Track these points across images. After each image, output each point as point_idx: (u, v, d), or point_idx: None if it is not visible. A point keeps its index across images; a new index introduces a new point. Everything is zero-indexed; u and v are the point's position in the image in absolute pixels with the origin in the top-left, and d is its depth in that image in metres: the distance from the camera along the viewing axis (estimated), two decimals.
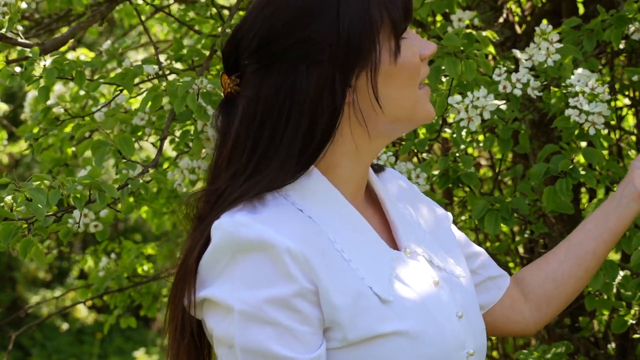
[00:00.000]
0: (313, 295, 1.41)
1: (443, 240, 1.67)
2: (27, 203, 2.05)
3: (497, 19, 2.95)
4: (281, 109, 1.45)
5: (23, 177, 6.29)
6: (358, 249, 1.48)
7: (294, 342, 1.40)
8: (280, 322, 1.39)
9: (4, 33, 2.47)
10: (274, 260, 1.39)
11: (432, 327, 1.47)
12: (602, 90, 2.25)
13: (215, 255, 1.43)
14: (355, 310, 1.42)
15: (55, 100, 3.16)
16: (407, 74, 1.48)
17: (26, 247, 2.08)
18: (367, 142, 1.51)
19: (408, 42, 1.50)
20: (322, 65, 1.45)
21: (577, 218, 2.91)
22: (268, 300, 1.39)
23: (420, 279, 1.52)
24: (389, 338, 1.43)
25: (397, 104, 1.49)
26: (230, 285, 1.41)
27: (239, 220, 1.42)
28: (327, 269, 1.42)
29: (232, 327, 1.41)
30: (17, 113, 5.71)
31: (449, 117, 2.41)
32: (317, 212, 1.48)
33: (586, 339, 2.87)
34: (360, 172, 1.54)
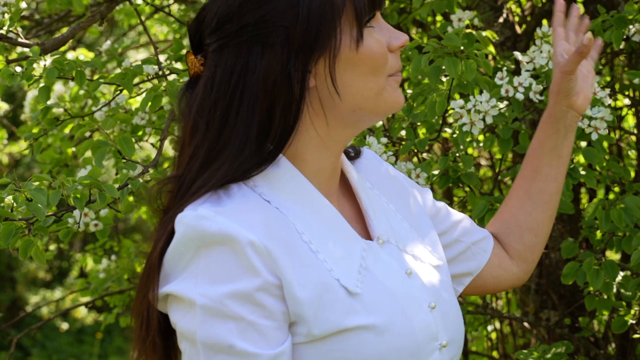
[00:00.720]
0: (277, 289, 1.39)
1: (420, 226, 1.64)
2: (27, 203, 2.05)
3: (497, 19, 2.95)
4: (234, 91, 1.44)
5: (23, 177, 6.29)
6: (327, 240, 1.46)
7: (257, 337, 1.37)
8: (243, 316, 1.37)
9: (5, 33, 2.47)
10: (237, 254, 1.37)
11: (400, 320, 1.45)
12: (604, 94, 2.25)
13: (179, 249, 1.40)
14: (321, 304, 1.40)
15: (55, 100, 3.16)
16: (370, 63, 1.46)
17: (26, 247, 2.08)
18: (332, 131, 1.49)
19: (375, 31, 1.47)
20: (276, 47, 1.42)
21: (577, 218, 2.91)
22: (230, 295, 1.37)
23: (392, 270, 1.50)
24: (355, 332, 1.41)
25: (358, 92, 1.47)
26: (193, 280, 1.39)
27: (201, 214, 1.39)
28: (291, 261, 1.40)
29: (194, 322, 1.38)
30: (17, 113, 5.71)
31: (449, 117, 2.41)
32: (286, 203, 1.46)
33: (586, 339, 2.87)
34: (330, 162, 1.51)
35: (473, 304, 3.25)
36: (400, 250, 1.55)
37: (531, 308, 3.02)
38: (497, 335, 3.58)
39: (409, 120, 2.43)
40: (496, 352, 3.61)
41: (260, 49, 1.43)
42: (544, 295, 3.03)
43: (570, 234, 2.86)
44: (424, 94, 2.38)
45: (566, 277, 2.34)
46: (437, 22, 3.19)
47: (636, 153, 3.17)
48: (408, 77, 2.83)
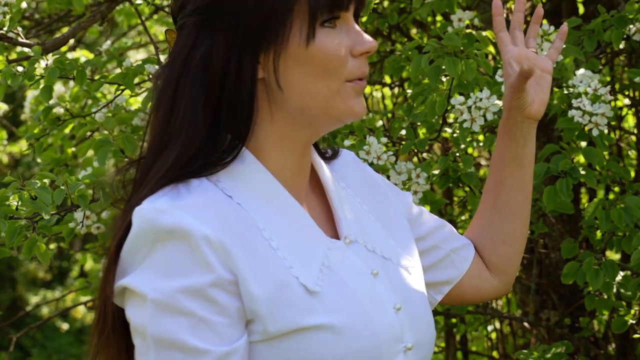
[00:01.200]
0: (231, 285, 1.37)
1: (395, 228, 1.61)
2: (32, 201, 2.05)
3: None
4: (180, 72, 1.42)
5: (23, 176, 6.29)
6: (289, 238, 1.43)
7: (209, 333, 1.35)
8: (195, 312, 1.35)
9: (5, 33, 2.47)
10: (192, 248, 1.35)
11: (361, 320, 1.42)
12: (605, 91, 2.25)
13: (136, 242, 1.38)
14: (277, 302, 1.38)
15: (56, 100, 3.16)
16: (320, 63, 1.41)
17: (31, 246, 2.08)
18: (288, 128, 1.45)
19: (337, 32, 1.43)
20: (224, 32, 1.41)
21: (577, 218, 2.91)
22: (182, 290, 1.34)
23: (357, 269, 1.47)
24: (313, 331, 1.38)
25: (305, 92, 1.43)
26: (147, 274, 1.37)
27: (158, 207, 1.37)
28: (249, 257, 1.38)
29: (146, 317, 1.36)
30: (17, 113, 5.71)
31: (449, 117, 2.41)
32: (249, 199, 1.43)
33: (586, 339, 2.87)
34: (293, 161, 1.48)
35: (473, 304, 3.26)
36: (369, 250, 1.52)
37: (531, 308, 3.02)
38: (497, 335, 3.58)
39: (409, 120, 2.43)
40: (496, 352, 3.61)
41: (208, 32, 1.41)
42: (544, 295, 3.03)
43: (570, 234, 2.86)
44: (424, 93, 2.38)
45: (566, 277, 2.34)
46: (437, 22, 3.19)
47: (636, 153, 3.17)
48: (408, 76, 2.83)
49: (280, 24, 1.40)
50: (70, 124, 2.82)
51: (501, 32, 1.69)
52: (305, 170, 1.52)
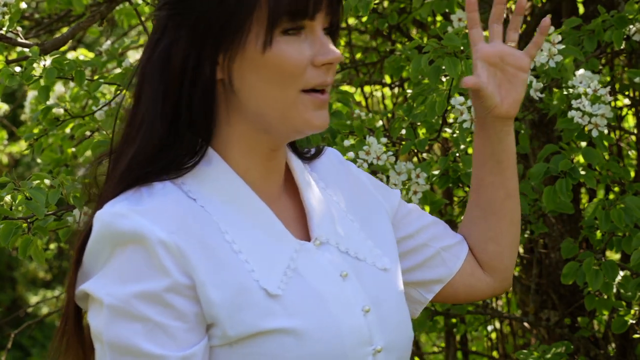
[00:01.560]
0: (188, 290, 1.35)
1: (374, 229, 1.59)
2: (27, 202, 2.05)
3: None
4: (144, 66, 1.43)
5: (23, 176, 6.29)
6: (253, 241, 1.42)
7: (165, 338, 1.34)
8: (150, 317, 1.34)
9: (4, 33, 2.47)
10: (148, 253, 1.34)
11: (326, 323, 1.41)
12: (605, 92, 2.25)
13: (96, 247, 1.38)
14: (236, 306, 1.37)
15: (55, 100, 3.16)
16: (276, 71, 1.40)
17: (26, 246, 2.08)
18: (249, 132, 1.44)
19: (300, 41, 1.41)
20: (187, 30, 1.40)
21: (577, 218, 2.91)
22: (138, 295, 1.34)
23: (324, 272, 1.46)
24: (273, 335, 1.37)
25: (261, 98, 1.42)
26: (105, 279, 1.36)
27: (117, 211, 1.37)
28: (207, 261, 1.37)
29: (102, 322, 1.36)
30: (17, 113, 5.71)
31: (449, 117, 2.41)
32: (213, 201, 1.42)
33: (586, 339, 2.87)
34: (258, 163, 1.47)
35: (473, 304, 3.25)
36: (341, 251, 1.51)
37: (531, 308, 3.02)
38: (497, 335, 3.58)
39: (409, 120, 2.43)
40: (496, 352, 3.61)
41: (174, 27, 1.41)
42: (544, 295, 3.03)
43: (570, 234, 2.86)
44: (424, 94, 2.38)
45: (566, 277, 2.34)
46: (437, 22, 3.19)
47: (636, 153, 3.17)
48: (408, 77, 2.83)
49: (239, 27, 1.39)
50: (70, 124, 2.82)
51: (472, 29, 1.65)
52: (275, 173, 1.50)
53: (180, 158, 1.42)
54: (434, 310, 2.94)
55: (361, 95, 3.70)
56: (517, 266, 3.35)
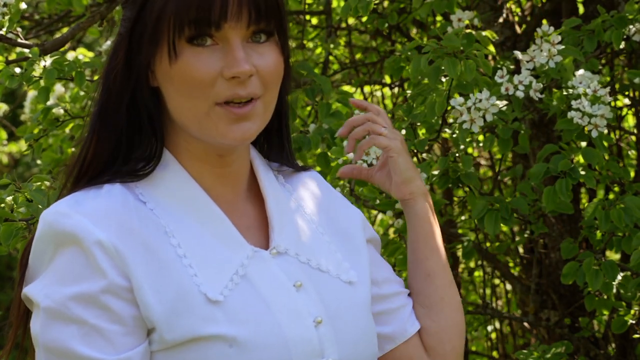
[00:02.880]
0: (126, 292, 1.33)
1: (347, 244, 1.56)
2: (27, 204, 2.05)
3: (497, 19, 2.95)
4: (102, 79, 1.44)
5: (22, 176, 6.29)
6: (201, 245, 1.40)
7: (101, 341, 1.31)
8: (86, 320, 1.31)
9: (4, 34, 2.47)
10: (85, 253, 1.32)
11: (270, 333, 1.38)
12: (605, 92, 2.25)
13: (40, 247, 1.36)
14: (174, 310, 1.34)
15: (55, 100, 3.16)
16: (183, 82, 1.38)
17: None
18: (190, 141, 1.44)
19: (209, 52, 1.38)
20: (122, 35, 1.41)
21: (576, 218, 2.91)
22: (74, 297, 1.31)
23: (275, 281, 1.43)
24: (211, 342, 1.34)
25: (178, 108, 1.40)
26: (44, 281, 1.34)
27: (60, 210, 1.36)
28: (147, 264, 1.34)
29: (38, 325, 1.33)
30: (17, 113, 5.71)
31: (449, 117, 2.41)
32: (164, 204, 1.41)
33: (586, 339, 2.87)
34: (208, 170, 1.45)
35: (473, 304, 3.26)
36: (301, 262, 1.48)
37: (531, 308, 3.02)
38: (497, 335, 3.58)
39: (409, 120, 2.43)
40: (496, 352, 3.61)
41: (120, 36, 1.42)
42: (544, 295, 3.03)
43: (570, 234, 2.86)
44: (424, 94, 2.38)
45: (566, 277, 2.34)
46: (437, 22, 3.19)
47: (636, 153, 3.17)
48: (408, 77, 2.83)
49: (154, 38, 1.39)
50: (70, 124, 2.82)
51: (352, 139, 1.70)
52: (232, 179, 1.48)
53: (135, 163, 1.42)
54: None
55: (361, 95, 3.70)
56: (517, 266, 3.35)
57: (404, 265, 2.45)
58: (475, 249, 2.72)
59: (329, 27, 3.34)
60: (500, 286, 3.71)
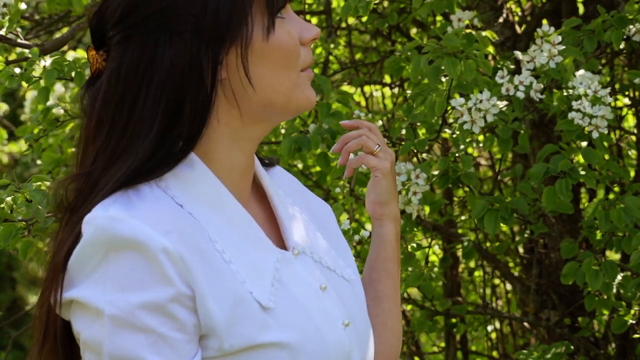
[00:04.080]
0: (189, 301, 1.31)
1: (333, 240, 1.55)
2: (27, 204, 2.05)
3: (497, 19, 2.95)
4: (141, 83, 1.35)
5: (22, 176, 6.29)
6: (240, 250, 1.38)
7: (168, 350, 1.30)
8: (154, 328, 1.29)
9: (4, 34, 2.47)
10: (149, 260, 1.29)
11: (314, 338, 1.37)
12: (605, 93, 2.25)
13: (87, 252, 1.32)
14: (234, 318, 1.33)
15: (56, 100, 3.16)
16: (282, 55, 1.38)
17: (26, 248, 2.08)
18: (243, 127, 1.41)
19: (286, 22, 1.40)
20: (184, 36, 1.35)
21: (576, 218, 2.91)
22: (141, 305, 1.29)
23: (305, 284, 1.42)
24: (267, 349, 1.33)
25: (270, 86, 1.39)
26: (101, 287, 1.30)
27: (113, 215, 1.31)
28: (205, 271, 1.32)
29: (102, 333, 1.30)
30: (17, 113, 5.71)
31: (449, 117, 2.41)
32: (198, 207, 1.38)
33: (586, 339, 2.87)
34: (241, 162, 1.43)
35: (473, 304, 3.26)
36: (315, 261, 1.47)
37: (531, 308, 3.02)
38: (497, 335, 3.58)
39: (409, 120, 2.43)
40: (496, 352, 3.61)
41: (167, 38, 1.35)
42: (544, 295, 3.03)
43: (570, 234, 2.86)
44: (424, 94, 2.38)
45: (566, 277, 2.34)
46: (437, 22, 3.19)
47: (636, 153, 3.17)
48: (408, 77, 2.83)
49: (243, 20, 1.36)
50: (70, 124, 2.82)
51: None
52: (250, 174, 1.47)
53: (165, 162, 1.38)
54: (434, 310, 2.94)
55: (361, 95, 3.70)
56: (517, 266, 3.35)
57: (403, 265, 2.45)
58: (475, 249, 2.72)
59: (329, 27, 3.34)
60: (500, 286, 3.71)
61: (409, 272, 2.46)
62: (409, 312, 3.41)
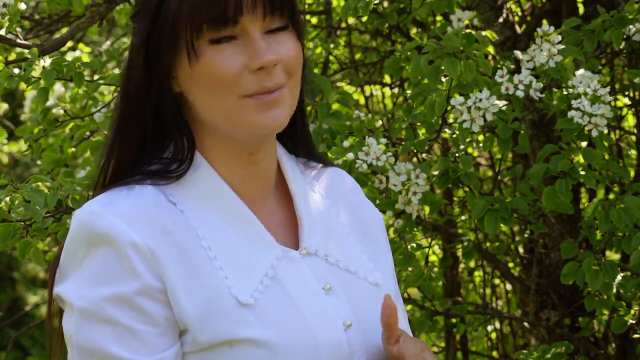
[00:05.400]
0: (160, 294, 1.34)
1: (371, 245, 1.55)
2: (25, 204, 2.05)
3: (497, 19, 2.95)
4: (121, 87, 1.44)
5: (22, 176, 6.29)
6: (232, 247, 1.40)
7: (135, 343, 1.32)
8: (120, 321, 1.32)
9: (4, 34, 2.47)
10: (120, 255, 1.33)
11: (301, 336, 1.38)
12: (605, 92, 2.25)
13: (72, 246, 1.37)
14: (207, 312, 1.35)
15: (55, 101, 3.16)
16: (208, 81, 1.38)
17: (24, 249, 2.08)
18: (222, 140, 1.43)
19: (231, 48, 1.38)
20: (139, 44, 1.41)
21: (576, 218, 2.91)
22: (108, 298, 1.32)
23: (305, 283, 1.43)
24: (243, 345, 1.35)
25: (205, 109, 1.40)
26: (77, 281, 1.35)
27: (93, 210, 1.36)
28: (181, 266, 1.35)
29: (72, 325, 1.35)
30: (17, 113, 5.71)
31: (449, 117, 2.41)
32: (195, 206, 1.40)
33: (586, 339, 2.87)
34: (239, 168, 1.44)
35: (473, 304, 3.25)
36: (330, 263, 1.47)
37: (531, 308, 3.02)
38: (497, 335, 3.58)
39: (409, 120, 2.43)
40: (496, 352, 3.61)
41: (136, 47, 1.42)
42: (544, 295, 3.02)
43: (570, 234, 2.86)
44: (424, 94, 2.37)
45: (566, 277, 2.34)
46: (437, 22, 3.19)
47: (636, 153, 3.17)
48: (408, 77, 2.83)
49: (172, 44, 1.39)
50: (69, 124, 2.82)
51: None
52: (260, 177, 1.47)
53: (168, 164, 1.42)
54: (434, 310, 2.94)
55: (361, 95, 3.70)
56: (517, 266, 3.35)
57: (403, 265, 2.45)
58: (475, 249, 2.72)
59: (329, 27, 3.33)
60: (500, 286, 3.71)
61: (409, 272, 2.46)
62: (409, 312, 3.41)
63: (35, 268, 9.02)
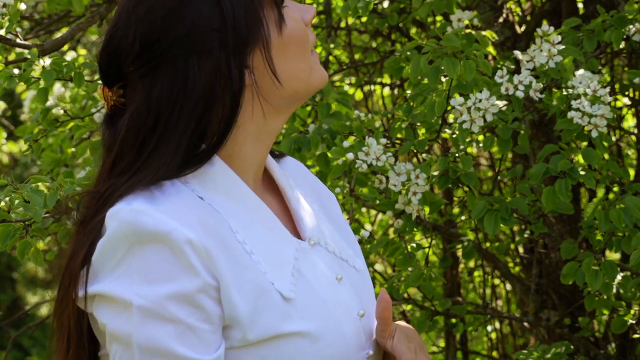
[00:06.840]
0: (215, 292, 1.33)
1: (342, 229, 1.57)
2: (24, 205, 2.05)
3: (497, 19, 2.95)
4: (173, 109, 1.36)
5: (21, 176, 6.29)
6: (260, 241, 1.40)
7: (196, 341, 1.32)
8: (182, 319, 1.31)
9: (4, 34, 2.47)
10: (175, 252, 1.31)
11: (332, 328, 1.40)
12: (604, 92, 2.25)
13: (111, 245, 1.33)
14: (257, 309, 1.35)
15: (55, 101, 3.16)
16: (297, 43, 1.42)
17: (24, 249, 2.08)
18: (266, 123, 1.43)
19: (288, 10, 1.43)
20: (213, 52, 1.36)
21: (576, 218, 2.91)
22: (169, 296, 1.31)
23: (322, 274, 1.44)
24: (290, 339, 1.36)
25: (294, 76, 1.42)
26: (128, 280, 1.32)
27: (137, 208, 1.33)
28: (228, 262, 1.35)
29: (130, 324, 1.32)
30: (17, 113, 5.71)
31: (449, 117, 2.41)
32: (218, 200, 1.39)
33: (586, 339, 2.87)
34: (261, 156, 1.45)
35: (473, 304, 3.26)
36: (329, 252, 1.49)
37: (531, 308, 3.02)
38: (497, 335, 3.58)
39: (409, 120, 2.43)
40: (496, 352, 3.61)
41: (196, 58, 1.36)
42: (544, 295, 3.03)
43: (570, 234, 2.86)
44: (423, 94, 2.37)
45: (566, 277, 2.34)
46: (437, 22, 3.19)
47: (636, 153, 3.17)
48: (408, 77, 2.83)
49: (258, 21, 1.39)
50: (69, 124, 2.82)
51: None
52: (262, 168, 1.49)
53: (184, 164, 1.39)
54: (434, 310, 2.94)
55: (361, 95, 3.70)
56: (517, 266, 3.35)
57: (404, 265, 2.45)
58: (475, 249, 2.72)
59: (329, 27, 3.33)
60: (500, 286, 3.71)
61: (409, 272, 2.46)
62: (409, 312, 3.41)
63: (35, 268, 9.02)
